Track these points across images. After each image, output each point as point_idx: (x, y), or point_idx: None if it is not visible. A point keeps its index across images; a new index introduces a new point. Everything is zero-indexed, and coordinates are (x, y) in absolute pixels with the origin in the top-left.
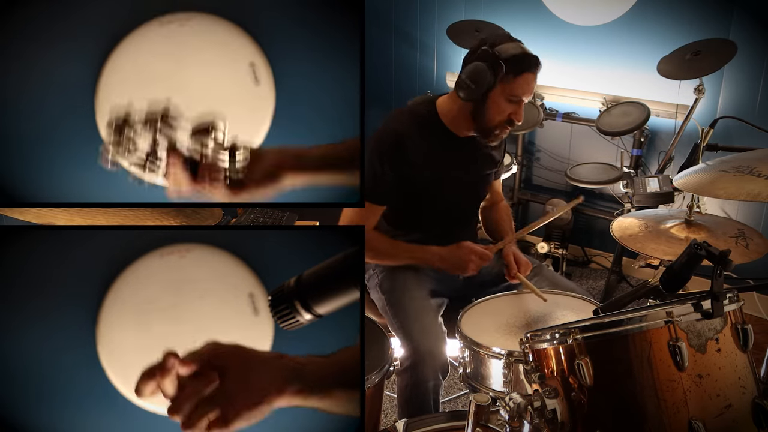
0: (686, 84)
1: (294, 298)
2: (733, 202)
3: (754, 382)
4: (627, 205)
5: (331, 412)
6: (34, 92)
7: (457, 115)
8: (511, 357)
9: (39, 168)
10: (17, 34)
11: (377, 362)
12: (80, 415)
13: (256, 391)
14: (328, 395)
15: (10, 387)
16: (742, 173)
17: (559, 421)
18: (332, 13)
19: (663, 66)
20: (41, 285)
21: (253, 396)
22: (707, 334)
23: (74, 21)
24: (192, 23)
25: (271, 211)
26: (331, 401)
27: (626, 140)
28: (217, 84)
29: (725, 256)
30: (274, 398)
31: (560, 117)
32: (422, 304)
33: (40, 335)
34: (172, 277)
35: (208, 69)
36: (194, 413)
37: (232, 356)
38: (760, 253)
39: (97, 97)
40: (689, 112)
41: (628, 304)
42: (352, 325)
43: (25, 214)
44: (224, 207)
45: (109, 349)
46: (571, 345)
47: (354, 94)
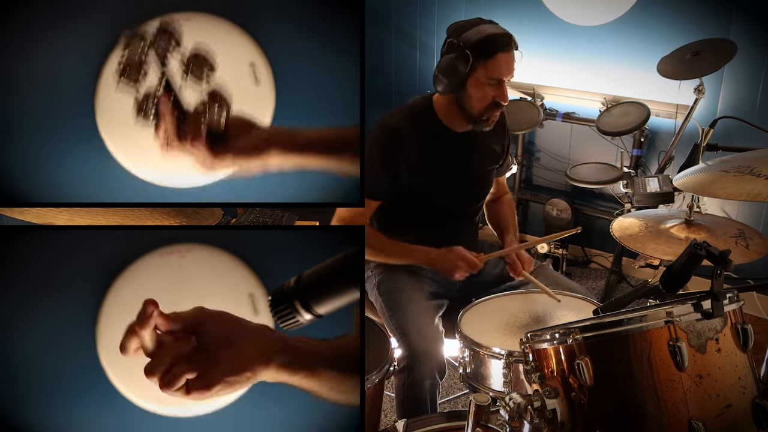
0: (686, 84)
1: (294, 298)
2: (733, 202)
3: (754, 382)
4: (627, 205)
5: (325, 398)
6: (34, 92)
7: (450, 109)
8: (511, 357)
9: (39, 168)
10: (17, 34)
11: (377, 362)
12: (80, 415)
13: (239, 356)
14: (315, 374)
15: (10, 387)
16: (742, 173)
17: (559, 421)
18: (332, 13)
19: (663, 66)
20: (41, 285)
21: (236, 361)
22: (707, 334)
23: (74, 21)
24: (192, 23)
25: (271, 211)
26: (320, 382)
27: (626, 140)
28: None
29: (725, 256)
30: (259, 368)
31: (560, 117)
32: (420, 305)
33: (40, 335)
34: (172, 277)
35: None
36: (171, 371)
37: (217, 320)
38: (760, 253)
39: (97, 97)
40: (689, 112)
41: (628, 304)
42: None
43: (25, 214)
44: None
45: (109, 349)
46: (571, 345)
47: (354, 94)
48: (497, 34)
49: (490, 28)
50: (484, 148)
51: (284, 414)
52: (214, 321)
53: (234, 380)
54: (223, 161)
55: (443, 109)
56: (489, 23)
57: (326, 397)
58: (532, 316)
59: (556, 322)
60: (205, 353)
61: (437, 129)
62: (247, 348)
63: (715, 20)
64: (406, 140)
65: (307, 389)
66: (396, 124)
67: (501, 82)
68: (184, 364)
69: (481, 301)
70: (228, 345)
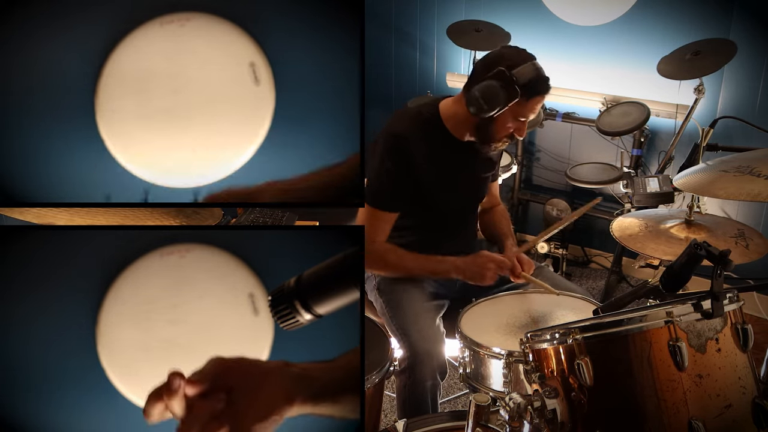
0: (686, 84)
1: (294, 298)
2: (733, 202)
3: (754, 382)
4: (627, 205)
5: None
6: (34, 92)
7: (461, 121)
8: (511, 357)
9: (39, 168)
10: (17, 33)
11: (377, 362)
12: (80, 415)
13: (265, 404)
14: (336, 401)
15: (10, 387)
16: (742, 173)
17: (559, 421)
18: (332, 12)
19: (663, 66)
20: (41, 285)
21: (263, 409)
22: (707, 334)
23: (75, 20)
24: (192, 23)
25: (271, 211)
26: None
27: (626, 140)
28: (217, 84)
29: (725, 256)
30: (284, 409)
31: (560, 117)
32: (421, 305)
33: (40, 335)
34: (172, 277)
35: (208, 69)
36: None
37: (238, 371)
38: (760, 253)
39: (97, 97)
40: (689, 112)
41: (628, 304)
42: (352, 326)
43: (25, 214)
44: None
45: (109, 349)
46: (571, 345)
47: (354, 94)
48: (545, 76)
49: (537, 69)
50: (483, 157)
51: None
52: (234, 372)
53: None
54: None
55: (452, 118)
56: (533, 59)
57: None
58: (532, 316)
59: (556, 322)
60: (232, 406)
61: (443, 137)
62: (271, 393)
63: (715, 20)
64: (415, 149)
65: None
66: (404, 131)
67: (525, 120)
68: (216, 422)
69: (481, 301)
70: (252, 394)
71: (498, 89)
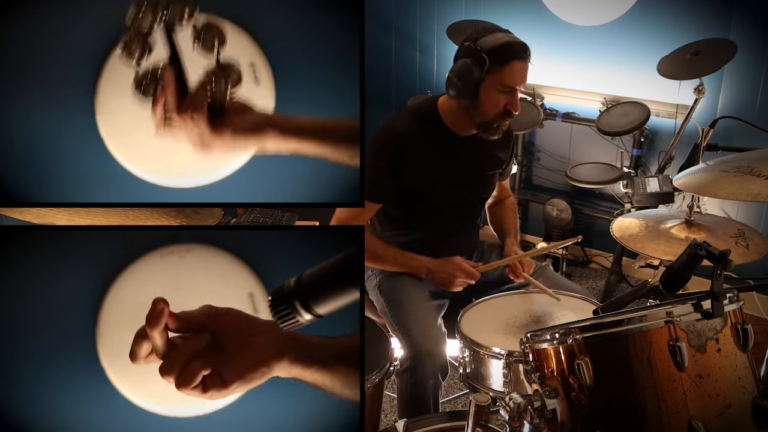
0: (686, 84)
1: (294, 299)
2: (733, 202)
3: (754, 382)
4: (627, 205)
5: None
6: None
7: (457, 114)
8: (511, 357)
9: (39, 168)
10: (17, 33)
11: (377, 362)
12: (80, 415)
13: (254, 352)
14: (327, 369)
15: (10, 387)
16: (742, 173)
17: (559, 421)
18: (332, 12)
19: (663, 66)
20: (41, 285)
21: (251, 357)
22: (707, 334)
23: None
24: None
25: (271, 211)
26: (332, 377)
27: (626, 140)
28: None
29: (725, 256)
30: (273, 362)
31: (560, 117)
32: (422, 305)
33: (40, 335)
34: (172, 277)
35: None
36: (187, 369)
37: (227, 318)
38: (760, 253)
39: (97, 97)
40: (689, 112)
41: (628, 304)
42: (352, 325)
43: (25, 214)
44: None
45: (109, 349)
46: (571, 345)
47: (354, 93)
48: (514, 42)
49: (507, 36)
50: (488, 153)
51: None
52: (224, 318)
53: (250, 376)
54: (222, 138)
55: (450, 114)
56: (505, 32)
57: (335, 392)
58: (532, 316)
59: (556, 322)
60: (219, 350)
61: (442, 133)
62: (260, 343)
63: (715, 20)
64: (411, 144)
65: (319, 384)
66: (401, 128)
67: (514, 91)
68: (200, 361)
69: (481, 301)
70: (241, 341)
71: (468, 63)
